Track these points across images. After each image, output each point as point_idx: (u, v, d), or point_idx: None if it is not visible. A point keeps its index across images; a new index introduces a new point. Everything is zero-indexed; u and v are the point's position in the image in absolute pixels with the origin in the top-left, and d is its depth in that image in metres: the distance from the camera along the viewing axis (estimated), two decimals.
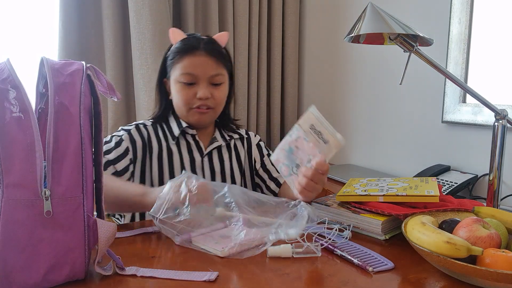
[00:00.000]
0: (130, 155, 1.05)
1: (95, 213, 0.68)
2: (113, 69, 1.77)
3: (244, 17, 2.03)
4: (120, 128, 1.10)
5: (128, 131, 1.08)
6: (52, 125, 0.58)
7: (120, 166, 1.02)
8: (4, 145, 0.57)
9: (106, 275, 0.65)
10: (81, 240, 0.61)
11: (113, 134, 1.08)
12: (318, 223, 0.92)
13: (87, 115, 0.63)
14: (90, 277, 0.65)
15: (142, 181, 1.07)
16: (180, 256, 0.75)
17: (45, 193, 0.57)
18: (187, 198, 0.78)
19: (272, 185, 1.17)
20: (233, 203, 0.82)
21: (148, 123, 1.13)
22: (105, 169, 0.99)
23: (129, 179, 1.05)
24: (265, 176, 1.19)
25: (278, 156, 0.96)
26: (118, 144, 1.04)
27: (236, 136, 1.20)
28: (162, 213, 0.78)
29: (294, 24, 2.18)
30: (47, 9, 1.69)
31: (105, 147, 1.03)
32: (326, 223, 0.85)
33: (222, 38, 1.11)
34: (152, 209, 0.79)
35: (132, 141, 1.06)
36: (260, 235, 0.78)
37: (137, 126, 1.10)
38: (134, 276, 0.66)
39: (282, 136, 2.27)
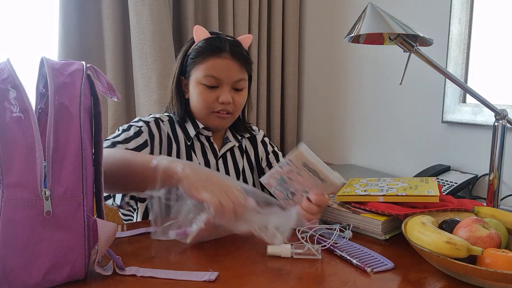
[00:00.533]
0: (148, 149, 1.01)
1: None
2: (113, 69, 1.77)
3: (244, 17, 2.03)
4: (138, 119, 1.05)
5: (147, 124, 1.03)
6: (52, 125, 0.58)
7: None
8: (4, 145, 0.57)
9: (106, 275, 0.65)
10: (81, 240, 0.61)
11: (131, 124, 1.03)
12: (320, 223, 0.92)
13: (87, 115, 0.63)
14: (90, 277, 0.65)
15: None
16: (180, 256, 0.75)
17: (45, 193, 0.58)
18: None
19: None
20: None
21: (165, 118, 1.09)
22: None
23: None
24: None
25: (269, 181, 0.94)
26: (137, 134, 0.99)
27: (246, 134, 1.19)
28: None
29: (294, 24, 2.18)
30: (47, 9, 1.69)
31: (123, 135, 0.98)
32: (327, 225, 0.85)
33: (246, 41, 1.08)
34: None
35: (151, 135, 1.02)
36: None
37: (156, 120, 1.06)
38: (134, 276, 0.66)
39: (282, 136, 2.28)
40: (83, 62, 0.65)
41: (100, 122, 0.66)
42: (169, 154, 1.06)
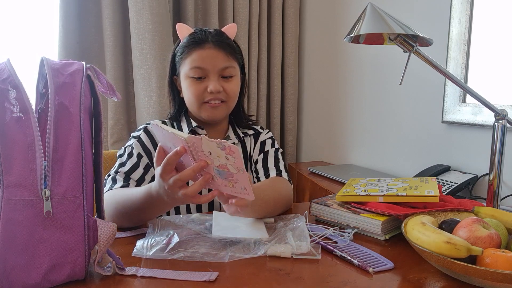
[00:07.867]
0: (145, 160, 1.03)
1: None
2: (113, 69, 1.77)
3: (244, 17, 2.03)
4: (131, 136, 1.09)
5: (138, 137, 1.06)
6: (52, 125, 0.58)
7: (136, 175, 1.00)
8: (4, 145, 0.57)
9: (106, 275, 0.65)
10: (81, 240, 0.61)
11: (125, 145, 1.06)
12: (320, 224, 0.91)
13: (87, 115, 0.63)
14: (90, 277, 0.65)
15: None
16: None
17: (45, 193, 0.58)
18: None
19: None
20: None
21: (158, 122, 1.11)
22: (125, 182, 0.97)
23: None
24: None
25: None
26: (130, 155, 1.02)
27: (251, 132, 1.18)
28: None
29: (294, 24, 2.18)
30: (47, 9, 1.69)
31: (119, 161, 1.02)
32: (329, 227, 0.85)
33: (230, 30, 1.09)
34: None
35: (143, 145, 1.05)
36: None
37: (145, 129, 1.08)
38: (134, 276, 0.66)
39: (282, 136, 2.28)
40: (83, 62, 0.65)
41: (100, 122, 0.66)
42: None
